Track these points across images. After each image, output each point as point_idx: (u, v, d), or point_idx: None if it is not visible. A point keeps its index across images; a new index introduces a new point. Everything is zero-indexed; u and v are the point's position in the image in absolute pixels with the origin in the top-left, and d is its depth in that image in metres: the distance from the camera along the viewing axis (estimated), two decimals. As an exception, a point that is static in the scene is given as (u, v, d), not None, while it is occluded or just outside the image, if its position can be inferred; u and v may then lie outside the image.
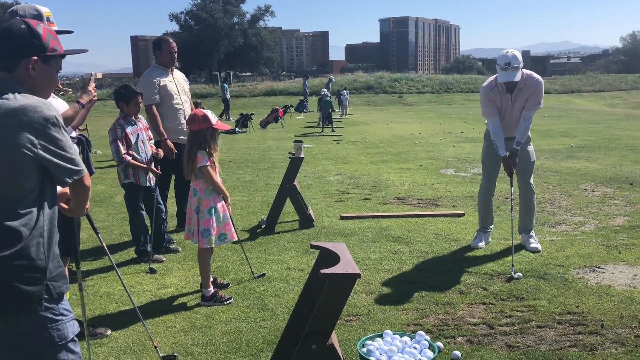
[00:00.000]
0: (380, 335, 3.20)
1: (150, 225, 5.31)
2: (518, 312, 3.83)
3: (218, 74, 54.13)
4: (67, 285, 2.01)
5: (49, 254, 1.92)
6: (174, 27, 63.65)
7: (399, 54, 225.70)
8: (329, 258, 2.78)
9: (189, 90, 6.02)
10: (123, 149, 4.88)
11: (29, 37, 1.94)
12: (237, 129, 18.40)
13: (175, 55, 5.77)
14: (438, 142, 14.09)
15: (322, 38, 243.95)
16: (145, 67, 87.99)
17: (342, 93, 25.92)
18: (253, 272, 4.68)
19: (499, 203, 6.82)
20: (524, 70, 4.93)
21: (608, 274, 4.48)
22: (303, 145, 6.56)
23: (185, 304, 4.16)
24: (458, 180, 8.74)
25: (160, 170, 5.28)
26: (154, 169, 5.13)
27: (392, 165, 10.39)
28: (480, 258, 4.98)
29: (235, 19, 63.08)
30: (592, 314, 3.75)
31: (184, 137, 5.03)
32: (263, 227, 6.14)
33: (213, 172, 4.08)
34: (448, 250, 5.21)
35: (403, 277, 4.57)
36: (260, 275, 4.64)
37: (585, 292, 4.13)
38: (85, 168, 2.03)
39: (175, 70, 5.88)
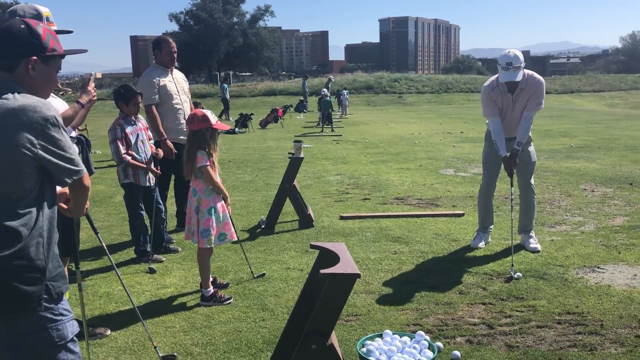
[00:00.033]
0: (380, 335, 3.20)
1: (150, 225, 5.31)
2: (518, 312, 3.83)
3: (218, 74, 54.11)
4: (66, 285, 2.01)
5: (49, 254, 1.92)
6: (174, 27, 63.77)
7: (399, 54, 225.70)
8: (329, 258, 2.78)
9: (189, 90, 6.02)
10: (123, 149, 4.88)
11: (29, 37, 1.94)
12: (236, 129, 18.40)
13: (175, 55, 5.77)
14: (438, 142, 14.09)
15: (321, 38, 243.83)
16: (145, 67, 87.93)
17: (341, 93, 25.89)
18: (253, 272, 4.68)
19: (499, 203, 6.82)
20: (526, 71, 4.93)
21: (608, 274, 4.48)
22: (303, 145, 6.56)
23: (185, 304, 4.16)
24: (458, 180, 8.74)
25: (160, 170, 5.28)
26: (154, 169, 5.13)
27: (391, 165, 10.39)
28: (480, 258, 4.98)
29: (235, 19, 63.08)
30: (591, 314, 3.75)
31: (184, 137, 5.03)
32: (263, 227, 6.14)
33: (213, 172, 4.07)
34: (448, 250, 5.21)
35: (403, 277, 4.57)
36: (260, 275, 4.64)
37: (585, 292, 4.13)
38: (85, 168, 2.03)
39: (175, 70, 5.88)
